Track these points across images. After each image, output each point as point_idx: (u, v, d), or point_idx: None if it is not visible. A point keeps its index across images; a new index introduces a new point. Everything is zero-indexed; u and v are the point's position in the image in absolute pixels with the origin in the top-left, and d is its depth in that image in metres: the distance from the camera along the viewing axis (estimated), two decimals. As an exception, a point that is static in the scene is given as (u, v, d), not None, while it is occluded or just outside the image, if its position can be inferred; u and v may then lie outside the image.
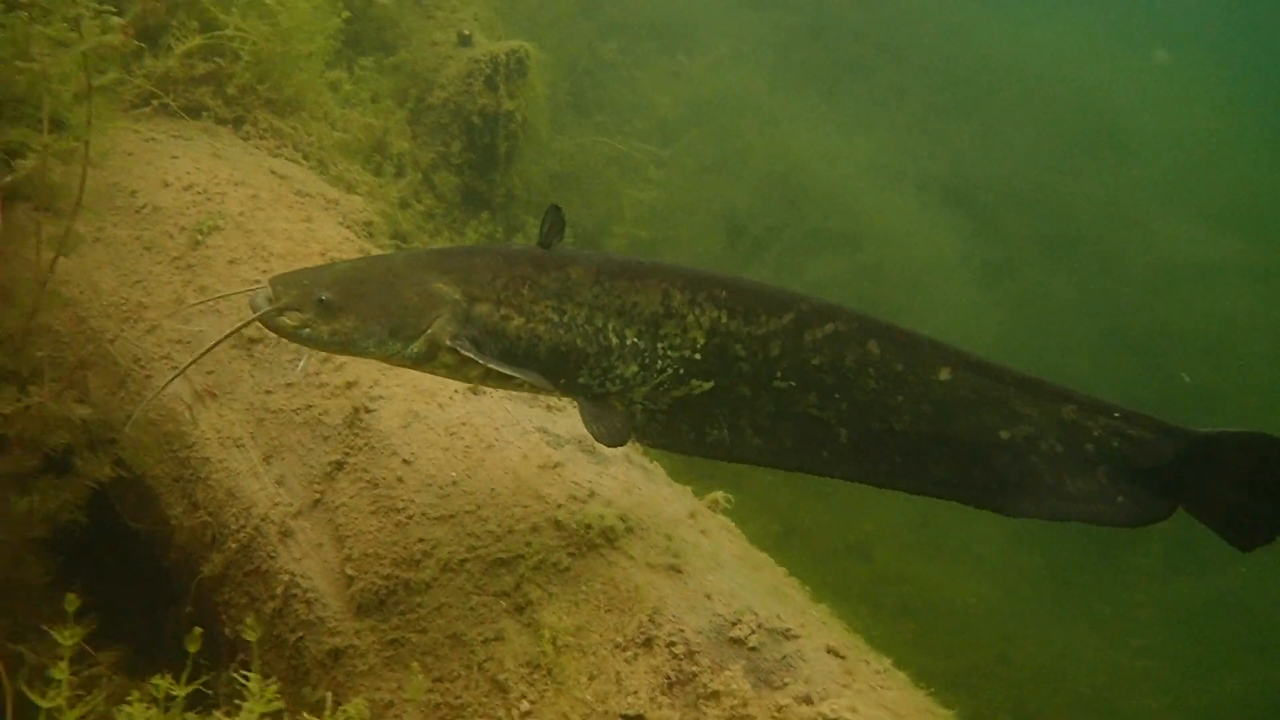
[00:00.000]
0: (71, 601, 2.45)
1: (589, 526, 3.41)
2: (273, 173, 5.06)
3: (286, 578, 3.60)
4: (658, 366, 2.96)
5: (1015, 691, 8.60)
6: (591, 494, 3.61)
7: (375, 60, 6.48)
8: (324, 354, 4.12)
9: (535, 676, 3.08)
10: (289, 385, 4.11)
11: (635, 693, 2.95)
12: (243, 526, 3.79)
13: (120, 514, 3.98)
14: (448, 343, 2.85)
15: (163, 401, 4.09)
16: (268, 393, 4.10)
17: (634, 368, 2.96)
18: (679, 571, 3.30)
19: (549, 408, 4.17)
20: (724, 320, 2.92)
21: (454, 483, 3.69)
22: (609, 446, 3.03)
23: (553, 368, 2.94)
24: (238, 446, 3.98)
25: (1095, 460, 2.81)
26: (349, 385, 4.03)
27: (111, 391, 4.20)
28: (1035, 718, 8.46)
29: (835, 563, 9.11)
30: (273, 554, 3.68)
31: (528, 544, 3.41)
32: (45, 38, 3.49)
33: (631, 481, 3.80)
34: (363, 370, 4.06)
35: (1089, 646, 9.33)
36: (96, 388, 4.08)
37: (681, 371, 2.96)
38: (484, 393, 4.09)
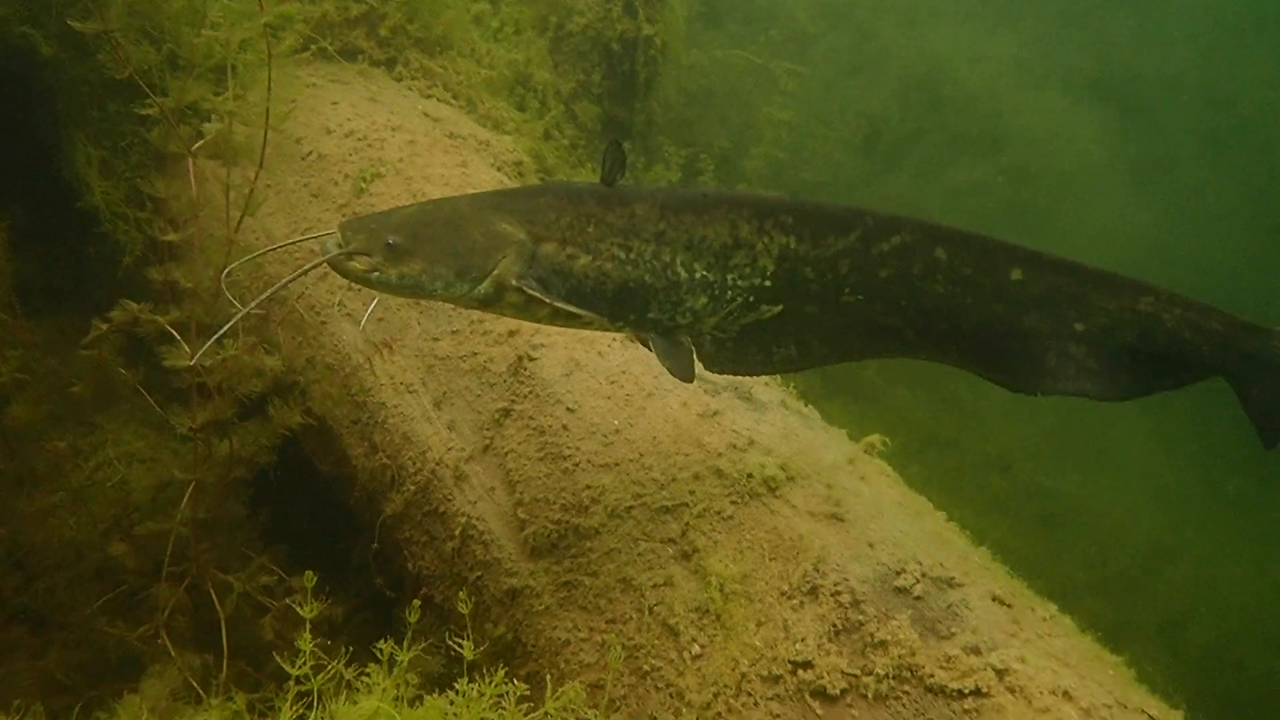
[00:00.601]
0: (309, 579, 2.66)
1: (750, 475, 3.50)
2: (426, 115, 5.17)
3: (463, 520, 3.82)
4: (727, 297, 2.97)
5: (1162, 603, 8.48)
6: (751, 442, 3.68)
7: (516, -10, 6.50)
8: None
9: (704, 622, 3.22)
10: (454, 332, 4.28)
11: (803, 640, 3.05)
12: (420, 469, 4.01)
13: (311, 457, 4.26)
14: (514, 283, 2.85)
15: (339, 350, 4.33)
16: (435, 340, 4.29)
17: (704, 299, 2.97)
18: (841, 520, 3.36)
19: (704, 352, 4.23)
20: (792, 245, 2.92)
21: (617, 431, 3.81)
22: (682, 381, 3.08)
23: (622, 305, 2.96)
24: (410, 392, 4.18)
25: (1166, 349, 2.88)
26: (511, 334, 4.17)
27: (290, 337, 4.46)
28: (1183, 629, 8.35)
29: (974, 475, 9.07)
30: (449, 496, 3.90)
31: (691, 492, 3.52)
32: (223, 5, 3.62)
33: (789, 428, 3.86)
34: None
35: (1242, 561, 9.10)
36: (282, 337, 4.33)
37: (752, 299, 2.98)
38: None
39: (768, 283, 2.95)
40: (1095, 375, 2.92)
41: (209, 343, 2.98)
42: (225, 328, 2.87)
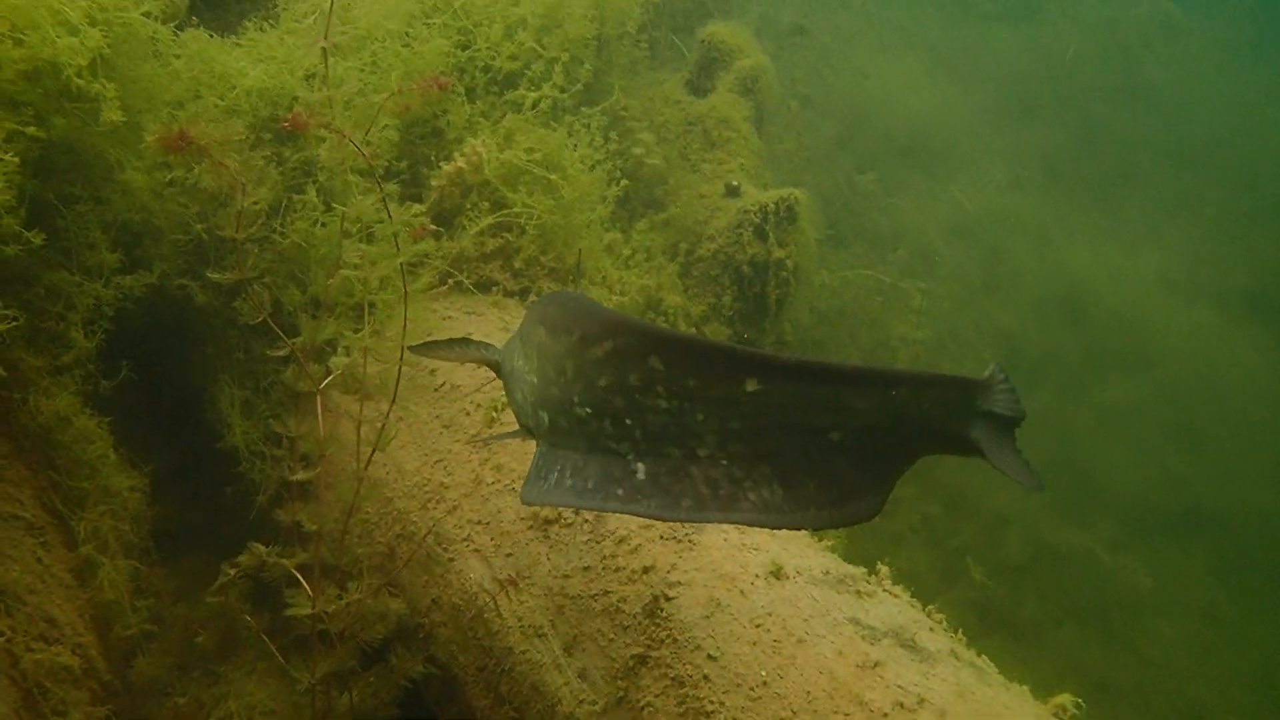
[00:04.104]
0: None
1: (924, 742, 3.04)
2: (559, 344, 5.12)
3: (596, 785, 3.42)
4: (529, 399, 2.78)
5: None
6: (921, 701, 3.23)
7: (648, 220, 6.58)
8: (619, 536, 4.04)
9: None
10: (586, 569, 4.01)
11: None
12: (548, 725, 3.66)
13: (434, 707, 3.96)
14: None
15: (466, 590, 4.10)
16: (565, 577, 4.02)
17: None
18: (1039, 805, 2.86)
19: (858, 594, 3.85)
20: (542, 337, 2.65)
21: (765, 683, 3.41)
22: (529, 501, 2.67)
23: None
24: (539, 636, 3.89)
25: (922, 431, 2.34)
26: (646, 570, 3.89)
27: (415, 576, 4.26)
28: None
29: (1164, 732, 8.08)
30: (580, 756, 3.53)
31: (854, 760, 3.07)
32: (358, 247, 3.67)
33: (964, 684, 3.39)
34: (659, 554, 3.91)
35: None
36: (407, 577, 4.14)
37: (532, 399, 2.73)
38: (787, 578, 3.83)
39: (534, 379, 2.69)
40: (864, 491, 2.37)
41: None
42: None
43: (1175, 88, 14.47)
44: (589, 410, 2.52)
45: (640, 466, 2.46)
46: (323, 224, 4.63)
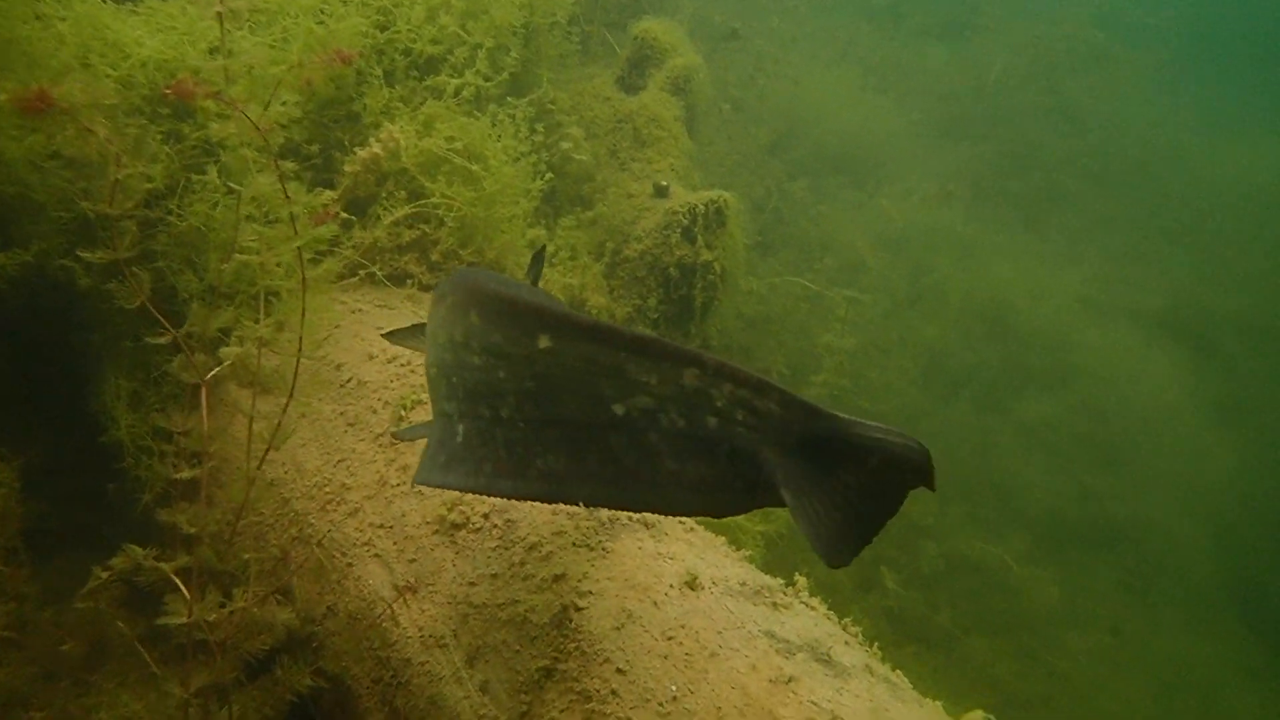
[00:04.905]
0: None
1: (836, 763, 2.91)
2: (474, 341, 4.92)
3: (493, 806, 3.23)
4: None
5: None
6: (834, 717, 3.11)
7: (574, 217, 6.41)
8: (530, 543, 3.87)
9: None
10: (493, 576, 3.82)
11: None
12: (446, 741, 3.46)
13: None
14: None
15: (364, 596, 3.88)
16: (471, 585, 3.83)
17: None
18: (952, 828, 2.75)
19: (775, 606, 3.72)
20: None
21: (674, 698, 3.26)
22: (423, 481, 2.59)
23: None
24: (440, 647, 3.69)
25: (718, 437, 2.10)
26: (556, 579, 3.71)
27: (309, 584, 4.02)
28: None
29: (1069, 742, 8.15)
30: (478, 775, 3.33)
31: (764, 781, 2.93)
32: (255, 230, 3.43)
33: (878, 700, 3.27)
34: (571, 562, 3.74)
35: None
36: (299, 585, 3.90)
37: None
38: (701, 588, 3.69)
39: None
40: (637, 481, 2.17)
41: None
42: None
43: (1098, 110, 14.82)
44: (435, 370, 2.50)
45: (460, 429, 2.38)
46: (222, 206, 4.36)
